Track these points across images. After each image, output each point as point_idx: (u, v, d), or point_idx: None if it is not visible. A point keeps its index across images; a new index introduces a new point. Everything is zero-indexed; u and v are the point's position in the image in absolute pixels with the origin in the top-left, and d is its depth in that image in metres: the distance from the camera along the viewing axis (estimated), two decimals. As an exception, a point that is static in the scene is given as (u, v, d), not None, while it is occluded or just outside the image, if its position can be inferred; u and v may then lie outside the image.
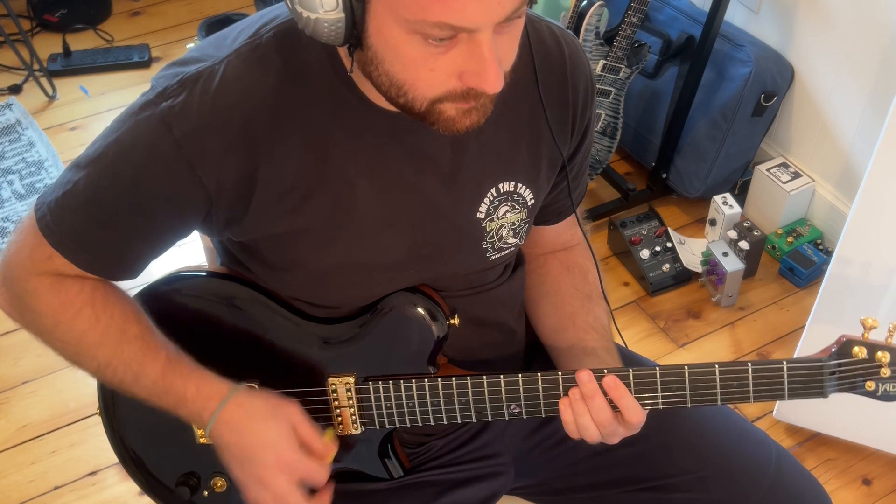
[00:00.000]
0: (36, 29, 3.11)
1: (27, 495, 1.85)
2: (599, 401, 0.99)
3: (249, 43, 0.93)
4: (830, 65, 2.20)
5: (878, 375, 0.97)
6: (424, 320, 1.05)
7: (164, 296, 1.09)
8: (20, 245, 1.00)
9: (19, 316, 1.03)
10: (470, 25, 0.78)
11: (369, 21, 0.80)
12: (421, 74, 0.83)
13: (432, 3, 0.76)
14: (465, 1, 0.76)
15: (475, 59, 0.81)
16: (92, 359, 1.01)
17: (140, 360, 1.00)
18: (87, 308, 0.99)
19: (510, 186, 1.04)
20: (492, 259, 1.08)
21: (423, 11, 0.77)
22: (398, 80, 0.84)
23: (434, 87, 0.84)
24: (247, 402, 1.00)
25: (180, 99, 0.91)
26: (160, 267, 1.10)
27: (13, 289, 1.01)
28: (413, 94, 0.85)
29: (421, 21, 0.77)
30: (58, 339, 1.02)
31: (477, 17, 0.78)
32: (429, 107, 0.86)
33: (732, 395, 0.99)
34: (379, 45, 0.82)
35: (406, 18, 0.78)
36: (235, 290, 1.07)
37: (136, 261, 1.01)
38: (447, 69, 0.82)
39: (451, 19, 0.77)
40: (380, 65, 0.84)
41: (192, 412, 1.01)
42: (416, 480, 1.15)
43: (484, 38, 0.80)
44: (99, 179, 0.94)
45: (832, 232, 2.32)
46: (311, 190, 0.96)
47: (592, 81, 1.08)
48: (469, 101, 0.86)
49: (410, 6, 0.77)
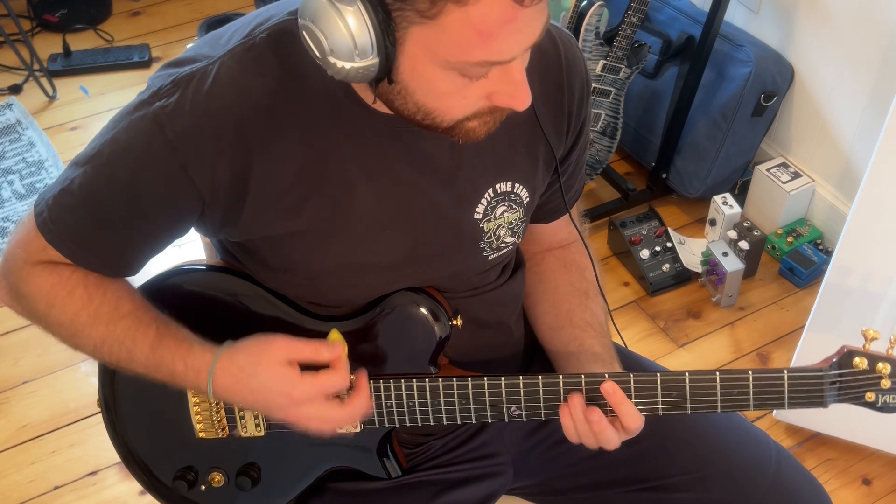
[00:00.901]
0: (36, 29, 3.11)
1: (27, 495, 1.85)
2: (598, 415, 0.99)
3: (243, 43, 0.93)
4: (830, 65, 2.20)
5: (879, 387, 0.97)
6: (427, 320, 1.05)
7: (165, 290, 1.09)
8: (18, 240, 1.01)
9: (17, 304, 1.04)
10: (509, 58, 0.81)
11: (402, 59, 0.81)
12: (454, 102, 0.85)
13: (474, 45, 0.77)
14: (506, 39, 0.78)
15: (508, 83, 0.84)
16: (88, 338, 1.01)
17: (132, 337, 1.00)
18: (80, 288, 1.00)
19: (507, 186, 1.04)
20: (490, 259, 1.08)
21: (465, 54, 0.79)
22: (429, 109, 0.86)
23: (465, 110, 0.87)
24: (230, 365, 0.98)
25: (173, 99, 0.91)
26: (160, 265, 1.10)
27: (10, 279, 1.02)
28: (442, 118, 0.87)
29: (463, 62, 0.79)
30: (53, 322, 1.02)
31: (515, 50, 0.81)
32: (455, 125, 0.88)
33: (732, 402, 0.99)
34: (411, 81, 0.83)
35: (446, 60, 0.79)
36: (237, 286, 1.07)
37: (132, 259, 1.01)
38: (479, 94, 0.85)
39: (493, 57, 0.80)
40: (409, 97, 0.85)
41: (190, 385, 1.01)
42: (415, 480, 1.15)
43: (517, 65, 0.83)
44: (95, 178, 0.95)
45: (832, 232, 2.32)
46: (309, 191, 0.96)
47: (588, 80, 1.08)
48: (494, 114, 0.88)
49: (452, 50, 0.78)
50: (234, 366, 0.98)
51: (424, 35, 0.78)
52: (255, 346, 0.99)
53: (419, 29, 0.78)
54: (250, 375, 0.98)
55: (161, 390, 1.05)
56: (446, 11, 0.75)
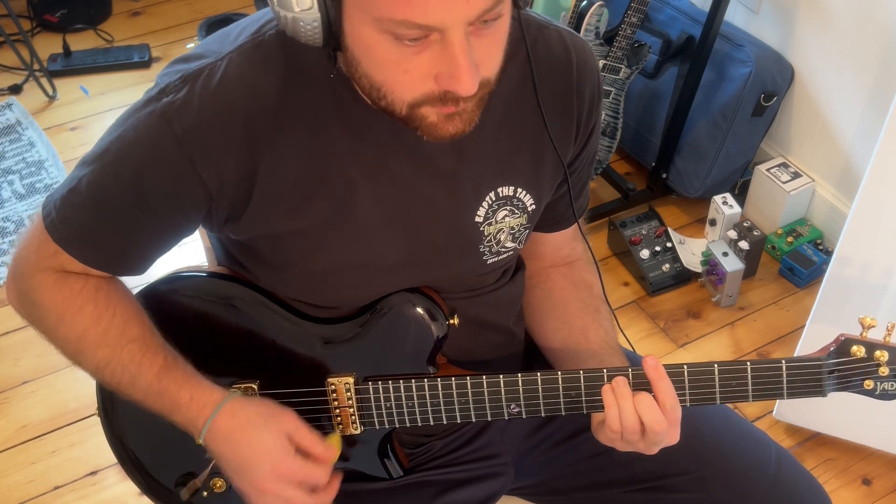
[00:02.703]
0: (36, 29, 3.11)
1: (27, 495, 1.85)
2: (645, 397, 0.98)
3: (252, 40, 0.93)
4: (830, 65, 2.20)
5: (877, 374, 0.98)
6: (424, 320, 1.05)
7: (163, 296, 1.09)
8: (27, 242, 1.01)
9: (26, 312, 1.04)
10: (436, 24, 0.78)
11: (345, 22, 0.81)
12: (396, 76, 0.83)
13: (398, 2, 0.76)
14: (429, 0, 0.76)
15: (448, 61, 0.80)
16: (91, 358, 1.01)
17: (138, 362, 1.00)
18: (90, 305, 1.00)
19: (509, 191, 1.04)
20: (489, 263, 1.08)
21: (389, 10, 0.77)
22: (376, 82, 0.85)
23: (410, 89, 0.84)
24: (240, 411, 0.99)
25: (181, 95, 0.91)
26: (159, 267, 1.10)
27: (20, 285, 1.02)
28: (391, 96, 0.85)
29: (388, 20, 0.78)
30: (60, 336, 1.02)
31: (442, 16, 0.77)
32: (409, 111, 0.86)
33: (731, 394, 0.99)
34: (355, 46, 0.83)
35: (375, 17, 0.78)
36: (235, 291, 1.07)
37: (140, 257, 1.01)
38: (421, 71, 0.82)
39: (417, 17, 0.77)
40: (358, 66, 0.85)
41: (186, 419, 1.00)
42: (416, 480, 1.15)
43: (455, 38, 0.79)
44: (102, 176, 0.95)
45: (832, 232, 2.32)
46: (312, 190, 0.96)
47: (600, 87, 1.07)
48: (448, 105, 0.85)
49: (377, 4, 0.77)
50: (243, 414, 0.99)
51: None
52: (267, 407, 1.01)
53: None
54: (255, 430, 0.99)
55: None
56: None
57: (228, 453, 1.00)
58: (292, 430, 1.00)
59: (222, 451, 1.00)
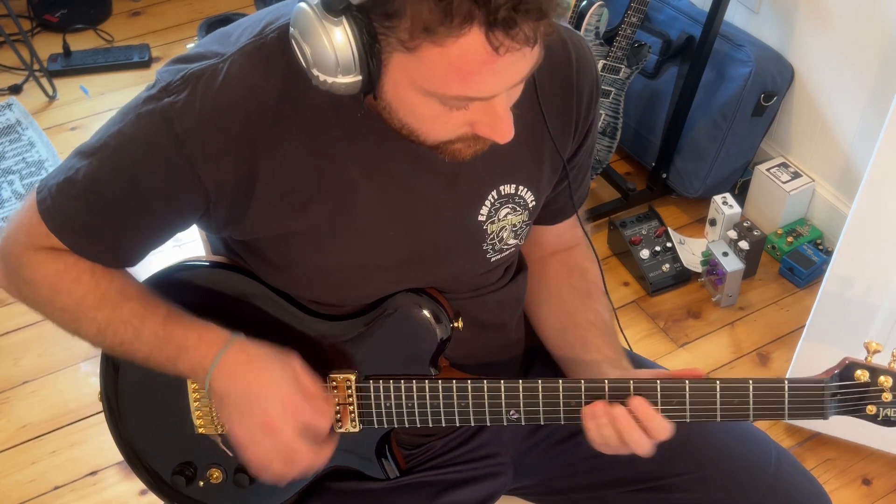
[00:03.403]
0: (36, 29, 3.11)
1: (27, 495, 1.85)
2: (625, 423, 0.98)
3: (254, 42, 0.93)
4: (830, 65, 2.20)
5: (880, 400, 0.96)
6: (429, 322, 1.05)
7: (168, 286, 1.09)
8: (18, 224, 1.00)
9: (16, 289, 1.04)
10: (487, 96, 0.81)
11: (385, 80, 0.82)
12: (435, 126, 0.86)
13: (452, 81, 0.78)
14: (484, 78, 0.78)
15: (489, 115, 0.84)
16: (91, 321, 1.01)
17: (141, 314, 1.00)
18: (87, 274, 1.00)
19: (511, 189, 1.04)
20: (492, 261, 1.08)
21: (442, 87, 0.79)
22: (412, 128, 0.87)
23: (446, 134, 0.87)
24: (249, 346, 1.00)
25: (183, 95, 0.91)
26: (161, 263, 1.10)
27: (9, 264, 1.02)
28: (426, 138, 0.88)
29: (441, 94, 0.80)
30: (56, 307, 1.02)
31: (494, 89, 0.81)
32: (440, 144, 0.89)
33: (732, 413, 0.99)
34: (394, 101, 0.84)
35: (425, 89, 0.80)
36: (240, 282, 1.07)
37: (133, 251, 1.01)
38: (460, 121, 0.86)
39: (471, 93, 0.80)
40: (393, 114, 0.86)
41: (194, 360, 0.99)
42: (415, 480, 1.15)
43: (499, 101, 0.83)
44: (100, 170, 0.95)
45: (832, 232, 2.32)
46: (313, 191, 0.96)
47: (598, 84, 1.08)
48: (478, 141, 0.89)
49: (430, 82, 0.79)
50: (253, 349, 1.00)
51: (405, 63, 0.79)
52: (274, 347, 1.01)
53: (401, 56, 0.78)
54: (264, 362, 0.99)
55: (162, 385, 1.05)
56: (424, 48, 0.76)
57: (236, 390, 0.99)
58: (299, 370, 1.00)
59: (229, 389, 0.99)
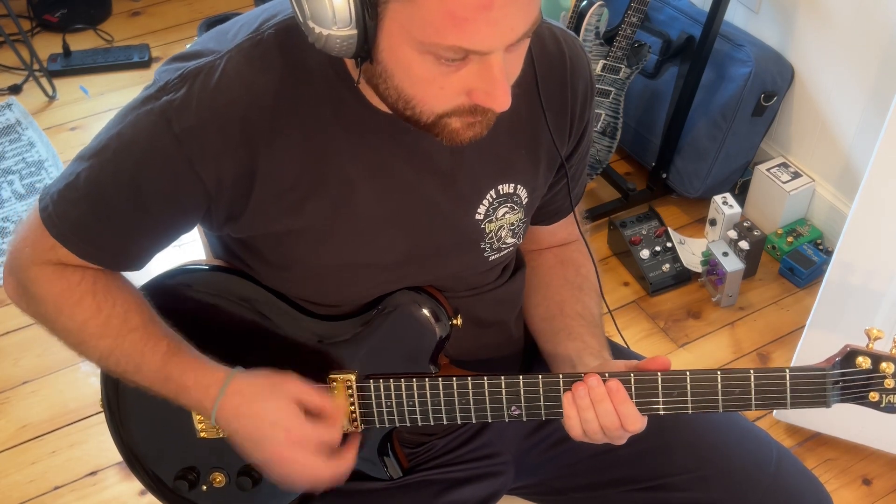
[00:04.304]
0: (36, 29, 3.11)
1: (27, 495, 1.85)
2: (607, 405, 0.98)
3: (251, 39, 0.93)
4: (830, 65, 2.20)
5: (882, 386, 0.96)
6: (428, 320, 1.05)
7: (168, 290, 1.09)
8: (24, 235, 1.00)
9: (25, 304, 1.04)
10: (483, 49, 0.80)
11: (381, 38, 0.81)
12: (431, 91, 0.84)
13: (447, 27, 0.77)
14: (480, 27, 0.77)
15: (486, 79, 0.82)
16: (94, 348, 1.01)
17: (141, 350, 1.00)
18: (89, 297, 1.00)
19: (510, 188, 1.04)
20: (490, 259, 1.08)
21: (437, 35, 0.78)
22: (407, 95, 0.85)
23: (443, 103, 0.85)
24: (245, 386, 0.99)
25: (180, 94, 0.91)
26: (161, 265, 1.10)
27: (18, 277, 1.02)
28: (421, 108, 0.86)
29: (435, 44, 0.79)
30: (61, 328, 1.02)
31: (491, 42, 0.79)
32: (435, 120, 0.87)
33: (734, 402, 0.98)
34: (389, 62, 0.83)
35: (420, 40, 0.79)
36: (240, 285, 1.07)
37: (138, 253, 1.01)
38: (457, 87, 0.84)
39: (465, 43, 0.78)
40: (389, 79, 0.85)
41: (193, 401, 1.00)
42: (416, 480, 1.15)
43: (495, 60, 0.81)
44: (100, 172, 0.95)
45: (832, 232, 2.32)
46: (311, 190, 0.96)
47: (592, 82, 1.08)
48: (476, 115, 0.87)
49: (425, 29, 0.78)
50: (248, 388, 0.99)
51: (401, 12, 0.78)
52: (270, 376, 1.00)
53: (396, 5, 0.78)
54: (262, 401, 0.98)
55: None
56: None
57: (241, 430, 1.00)
58: (298, 393, 1.00)
59: (235, 428, 1.00)
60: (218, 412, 0.99)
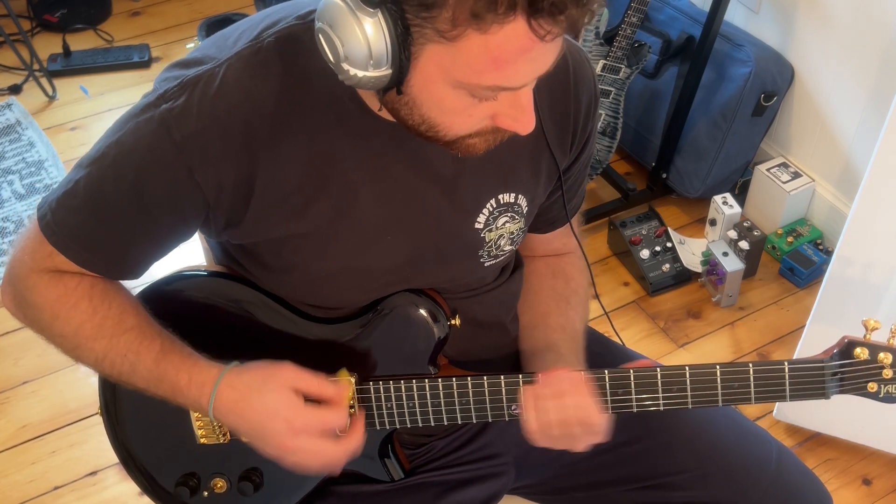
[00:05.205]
0: (36, 29, 3.11)
1: (27, 495, 1.85)
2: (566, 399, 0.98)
3: (251, 46, 0.93)
4: (830, 65, 2.20)
5: (881, 377, 0.97)
6: (426, 321, 1.05)
7: (166, 295, 1.09)
8: (23, 245, 1.00)
9: (22, 313, 1.04)
10: (519, 85, 0.81)
11: (413, 74, 0.81)
12: (459, 119, 0.86)
13: (488, 70, 0.78)
14: (520, 68, 0.79)
15: (514, 107, 0.84)
16: (90, 351, 1.01)
17: (136, 350, 0.99)
18: (85, 301, 1.00)
19: (510, 197, 1.04)
20: (486, 266, 1.08)
21: (477, 77, 0.79)
22: (433, 122, 0.86)
23: (467, 128, 0.87)
24: (237, 381, 0.99)
25: (180, 101, 0.91)
26: (160, 269, 1.10)
27: (16, 286, 1.02)
28: (445, 132, 0.87)
29: (473, 84, 0.80)
30: (57, 333, 1.02)
31: (525, 78, 0.81)
32: (457, 140, 0.88)
33: (734, 396, 0.99)
34: (420, 95, 0.83)
35: (457, 80, 0.80)
36: (237, 290, 1.07)
37: (137, 261, 1.01)
38: (484, 114, 0.85)
39: (504, 83, 0.80)
40: (416, 108, 0.85)
41: (189, 400, 1.00)
42: (417, 481, 1.15)
43: (525, 91, 0.83)
44: (100, 180, 0.94)
45: (832, 232, 2.32)
46: (313, 194, 0.96)
47: (596, 95, 1.07)
48: (497, 134, 0.89)
49: (464, 70, 0.79)
50: (241, 382, 0.98)
51: (440, 54, 0.78)
52: (263, 368, 1.00)
53: (436, 47, 0.78)
54: (257, 394, 0.98)
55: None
56: (466, 35, 0.75)
57: (241, 424, 0.99)
58: (294, 381, 0.98)
59: (234, 423, 1.00)
60: (215, 409, 0.98)
